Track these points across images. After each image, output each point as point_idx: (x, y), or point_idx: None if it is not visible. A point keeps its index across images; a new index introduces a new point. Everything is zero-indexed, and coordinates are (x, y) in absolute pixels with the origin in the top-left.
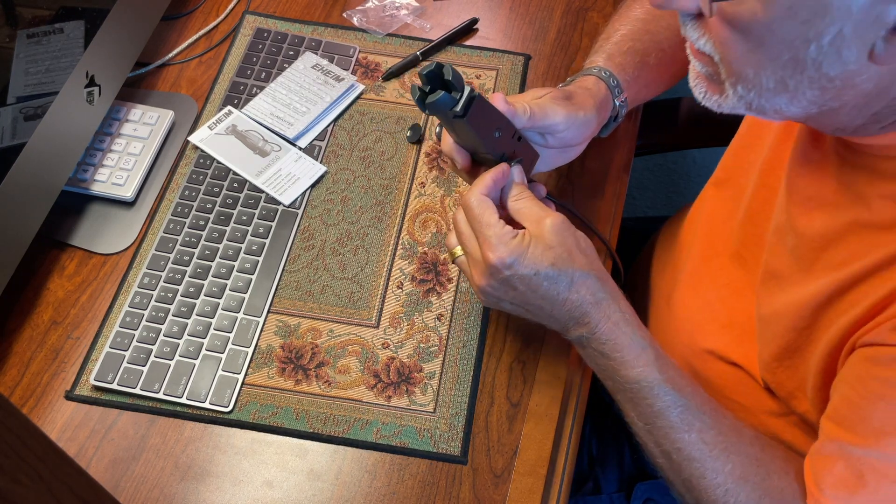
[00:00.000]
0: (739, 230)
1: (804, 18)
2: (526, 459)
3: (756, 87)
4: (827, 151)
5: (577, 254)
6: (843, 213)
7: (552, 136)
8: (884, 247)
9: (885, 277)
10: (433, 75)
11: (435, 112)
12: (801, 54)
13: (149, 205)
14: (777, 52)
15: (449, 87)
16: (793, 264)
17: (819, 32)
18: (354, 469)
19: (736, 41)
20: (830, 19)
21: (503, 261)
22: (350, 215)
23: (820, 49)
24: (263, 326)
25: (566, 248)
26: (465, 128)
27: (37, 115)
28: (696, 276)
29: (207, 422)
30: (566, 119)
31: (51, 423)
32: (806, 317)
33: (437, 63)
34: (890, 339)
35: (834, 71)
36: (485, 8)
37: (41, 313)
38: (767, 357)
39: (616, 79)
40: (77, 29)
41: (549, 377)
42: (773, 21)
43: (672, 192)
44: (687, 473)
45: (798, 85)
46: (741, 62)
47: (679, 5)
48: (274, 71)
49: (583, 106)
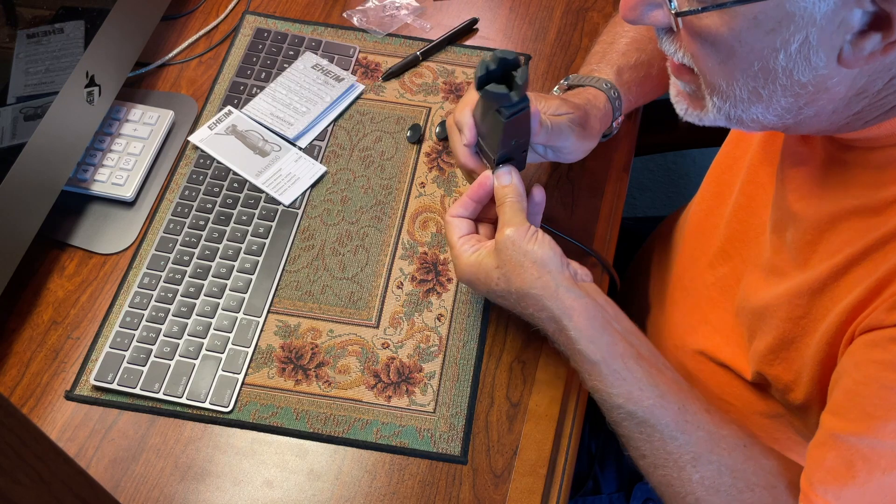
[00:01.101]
0: (725, 227)
1: (769, 28)
2: (526, 459)
3: (731, 98)
4: (814, 146)
5: (527, 268)
6: (833, 204)
7: (553, 153)
8: (875, 230)
9: (877, 260)
10: (506, 63)
11: (487, 99)
12: (770, 63)
13: (149, 205)
14: (747, 62)
15: (512, 87)
16: (791, 259)
17: (785, 41)
18: (354, 469)
19: (707, 54)
20: (795, 27)
21: (462, 271)
22: (350, 215)
23: (789, 57)
24: (263, 326)
25: (513, 265)
26: (498, 127)
27: (37, 115)
28: (685, 277)
29: (207, 422)
30: (574, 144)
31: (51, 423)
32: (801, 305)
33: (521, 56)
34: (886, 320)
35: (805, 77)
36: (485, 8)
37: (41, 313)
38: (763, 349)
39: (621, 101)
40: (77, 29)
41: (549, 377)
42: (740, 32)
43: (672, 192)
44: (655, 480)
45: (772, 94)
46: (714, 74)
47: (651, 21)
48: (274, 71)
49: (592, 134)
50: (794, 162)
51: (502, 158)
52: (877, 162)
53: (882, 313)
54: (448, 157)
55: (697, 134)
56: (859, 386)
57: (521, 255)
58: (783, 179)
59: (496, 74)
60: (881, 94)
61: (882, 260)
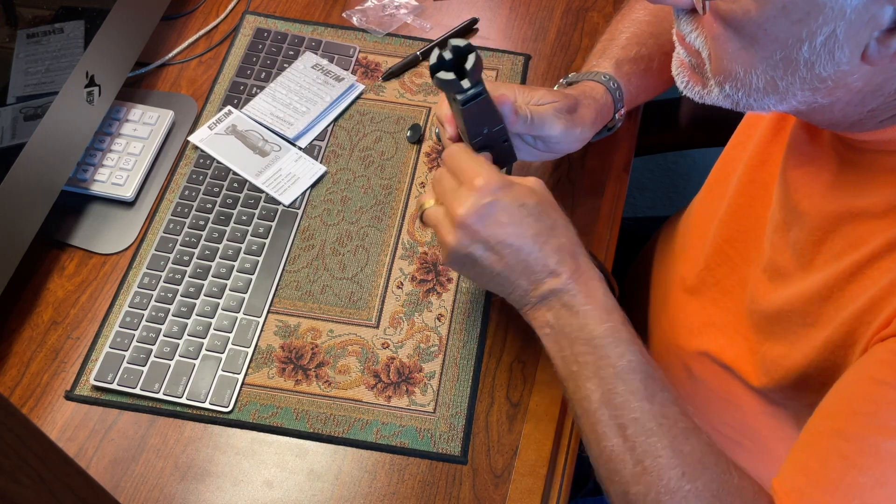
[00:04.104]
0: (724, 227)
1: (797, 18)
2: (526, 459)
3: (745, 86)
4: (823, 147)
5: (558, 208)
6: (841, 205)
7: (543, 143)
8: (880, 234)
9: (883, 268)
10: (459, 52)
11: (438, 86)
12: (793, 54)
13: (149, 205)
14: (769, 51)
15: (464, 75)
16: (794, 259)
17: (812, 33)
18: (354, 469)
19: (728, 38)
20: (824, 20)
21: (491, 185)
22: (350, 215)
23: (813, 49)
24: (263, 326)
25: (549, 198)
26: (458, 114)
27: (37, 115)
28: (687, 278)
29: (207, 422)
30: (562, 133)
31: (51, 423)
32: (812, 312)
33: (470, 45)
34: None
35: (826, 72)
36: (485, 8)
37: (41, 313)
38: (775, 354)
39: (621, 91)
40: (77, 29)
41: (549, 377)
42: (767, 20)
43: (672, 192)
44: (641, 451)
45: (789, 86)
46: (732, 60)
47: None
48: (274, 71)
49: (582, 121)
50: (802, 161)
51: (480, 148)
52: (890, 166)
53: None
54: None
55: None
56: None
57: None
58: (787, 179)
59: (449, 63)
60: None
61: (888, 268)
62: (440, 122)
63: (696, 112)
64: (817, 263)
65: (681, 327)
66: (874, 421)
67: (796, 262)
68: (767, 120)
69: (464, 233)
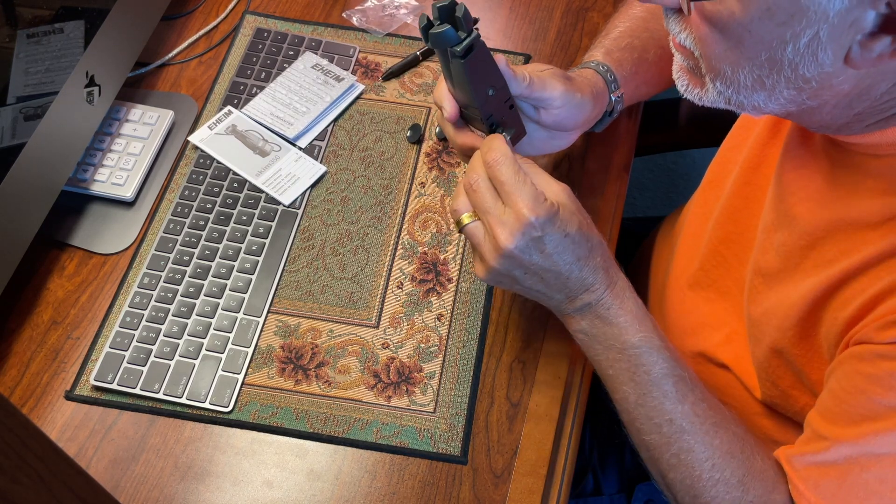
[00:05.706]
0: (719, 228)
1: (781, 20)
2: (526, 459)
3: (734, 84)
4: (816, 150)
5: (591, 223)
6: (831, 211)
7: (546, 112)
8: (871, 244)
9: (872, 276)
10: (445, 10)
11: (436, 45)
12: (777, 55)
13: (149, 205)
14: (754, 51)
15: (457, 26)
16: (780, 262)
17: (796, 34)
18: (354, 469)
19: (714, 39)
20: (807, 22)
21: (539, 219)
22: (350, 215)
23: (796, 51)
24: (263, 326)
25: (585, 216)
26: (461, 73)
27: (37, 115)
28: (683, 278)
29: (207, 422)
30: (563, 95)
31: (51, 423)
32: (798, 316)
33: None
34: (875, 337)
35: (810, 72)
36: (485, 8)
37: (41, 313)
38: (761, 356)
39: (613, 73)
40: (77, 29)
41: (549, 377)
42: (751, 21)
43: (672, 192)
44: (676, 447)
45: (775, 84)
46: (719, 59)
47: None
48: (274, 71)
49: (581, 89)
50: (796, 165)
51: (489, 117)
52: (879, 170)
53: (872, 331)
54: (448, 156)
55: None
56: (848, 395)
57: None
58: (782, 182)
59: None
60: (883, 97)
61: (876, 277)
62: (439, 105)
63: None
64: (805, 268)
65: (677, 327)
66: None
67: (780, 264)
68: (764, 123)
69: (508, 261)
